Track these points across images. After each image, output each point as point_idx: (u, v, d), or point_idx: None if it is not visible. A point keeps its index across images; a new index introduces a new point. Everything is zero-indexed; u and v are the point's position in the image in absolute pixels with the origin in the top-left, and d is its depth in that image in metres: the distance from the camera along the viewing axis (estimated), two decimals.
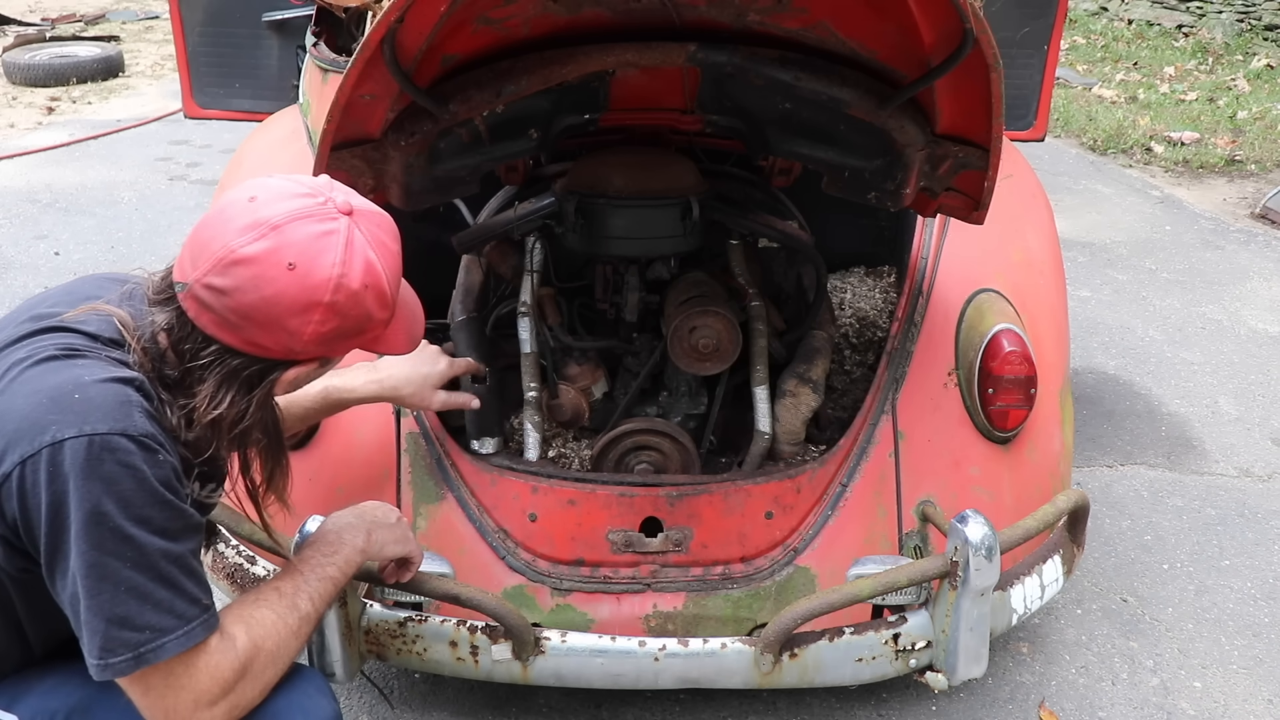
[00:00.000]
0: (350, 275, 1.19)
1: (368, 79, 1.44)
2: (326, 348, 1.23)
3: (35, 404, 1.13)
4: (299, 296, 1.16)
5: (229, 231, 1.17)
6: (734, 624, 1.85)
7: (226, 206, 1.20)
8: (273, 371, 1.23)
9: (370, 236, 1.22)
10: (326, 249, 1.17)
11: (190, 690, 1.17)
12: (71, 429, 1.10)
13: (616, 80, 1.82)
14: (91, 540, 1.10)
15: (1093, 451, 3.15)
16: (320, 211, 1.19)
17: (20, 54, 7.87)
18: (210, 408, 1.19)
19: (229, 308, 1.17)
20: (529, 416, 2.05)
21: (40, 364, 1.17)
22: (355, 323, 1.22)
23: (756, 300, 2.12)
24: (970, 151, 1.72)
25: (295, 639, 1.30)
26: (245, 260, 1.15)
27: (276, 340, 1.19)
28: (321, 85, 2.60)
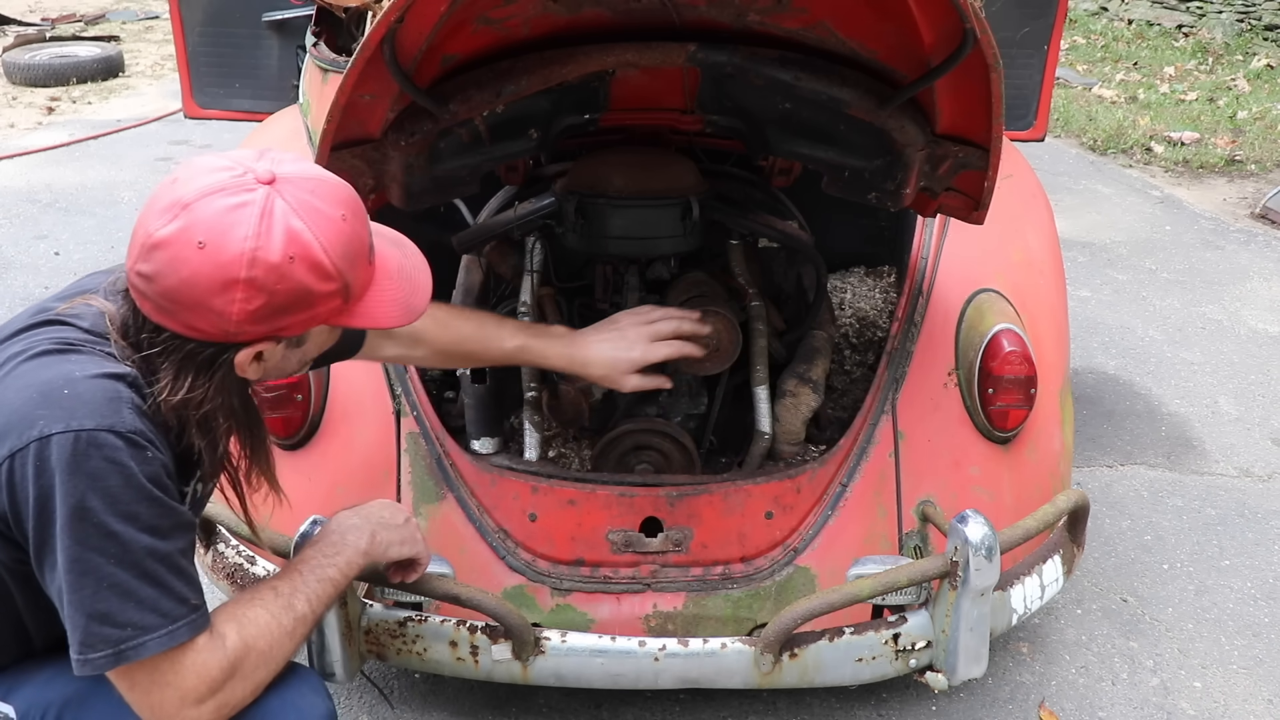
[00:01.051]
0: (267, 248, 1.12)
1: (368, 79, 1.44)
2: (268, 325, 1.16)
3: (26, 398, 1.13)
4: (214, 275, 1.11)
5: (150, 215, 1.14)
6: (734, 624, 1.85)
7: (156, 190, 1.17)
8: (223, 354, 1.18)
9: (297, 203, 1.14)
10: (238, 222, 1.11)
11: (176, 688, 1.16)
12: (59, 424, 1.10)
13: (616, 80, 1.82)
14: (75, 535, 1.10)
15: (1093, 451, 3.15)
16: (235, 184, 1.13)
17: (20, 54, 7.87)
18: (170, 394, 1.17)
19: (157, 293, 1.14)
20: (529, 416, 2.05)
21: (34, 358, 1.17)
22: (290, 297, 1.15)
23: (756, 300, 2.12)
24: (970, 151, 1.72)
25: (290, 640, 1.28)
26: (161, 244, 1.12)
27: (209, 322, 1.14)
28: (321, 85, 2.60)
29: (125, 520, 1.12)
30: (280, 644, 1.27)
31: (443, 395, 2.26)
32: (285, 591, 1.31)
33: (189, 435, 1.21)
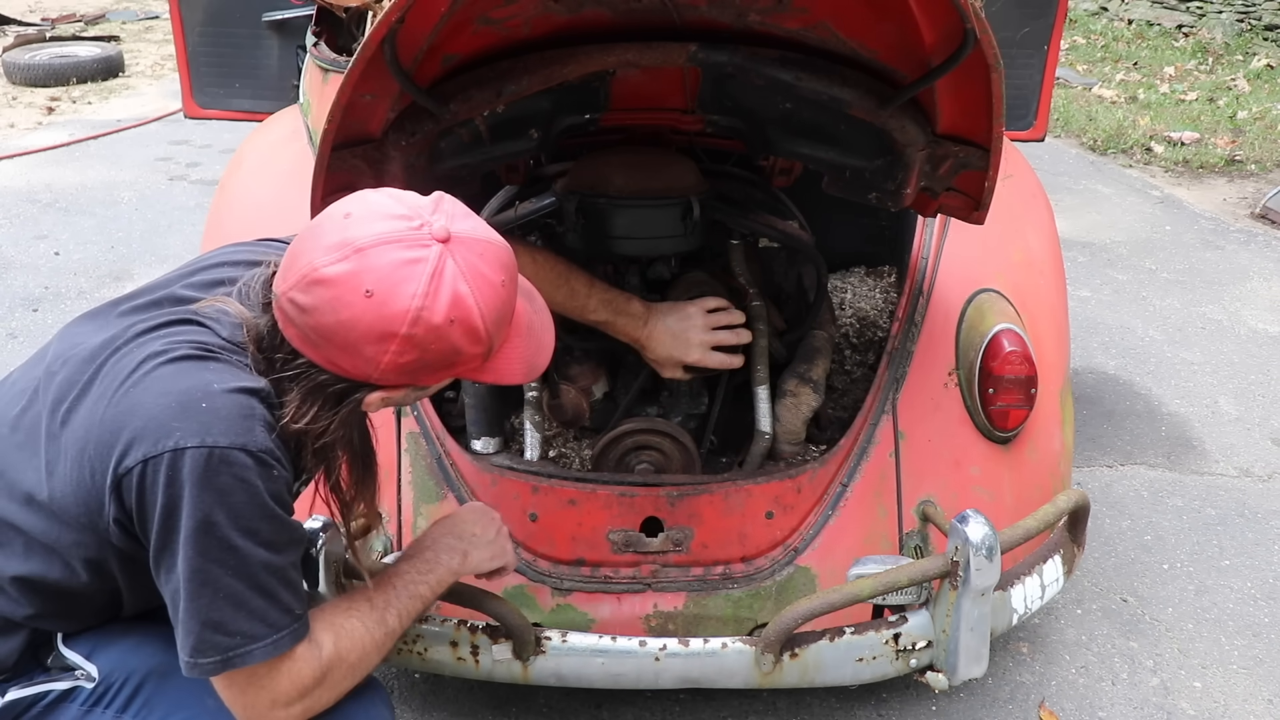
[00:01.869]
0: (432, 309, 1.13)
1: (368, 79, 1.44)
2: (409, 377, 1.19)
3: (164, 406, 1.14)
4: (374, 325, 1.13)
5: (317, 248, 1.15)
6: (734, 624, 1.85)
7: (323, 219, 1.18)
8: (356, 392, 1.20)
9: (466, 266, 1.15)
10: (409, 278, 1.12)
11: (270, 691, 1.21)
12: (194, 438, 1.12)
13: (617, 80, 1.82)
14: (199, 546, 1.13)
15: (1093, 451, 3.15)
16: (411, 237, 1.14)
17: (20, 54, 7.87)
18: (294, 420, 1.19)
19: (309, 326, 1.16)
20: (529, 416, 2.05)
21: (174, 363, 1.18)
22: (439, 356, 1.17)
23: (757, 300, 2.12)
24: (971, 151, 1.72)
25: (378, 652, 1.33)
26: (325, 281, 1.13)
27: (354, 365, 1.17)
28: (322, 85, 2.60)
29: (246, 535, 1.15)
30: (368, 656, 1.31)
31: (443, 395, 2.26)
32: (379, 605, 1.34)
33: (305, 458, 1.24)
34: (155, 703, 1.30)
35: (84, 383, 1.20)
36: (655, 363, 1.97)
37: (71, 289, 4.20)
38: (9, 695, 1.27)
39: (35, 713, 1.29)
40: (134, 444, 1.13)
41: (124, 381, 1.17)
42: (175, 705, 1.30)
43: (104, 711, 1.30)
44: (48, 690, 1.29)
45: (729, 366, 1.99)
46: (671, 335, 1.93)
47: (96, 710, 1.29)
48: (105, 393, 1.18)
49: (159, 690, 1.31)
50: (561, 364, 2.18)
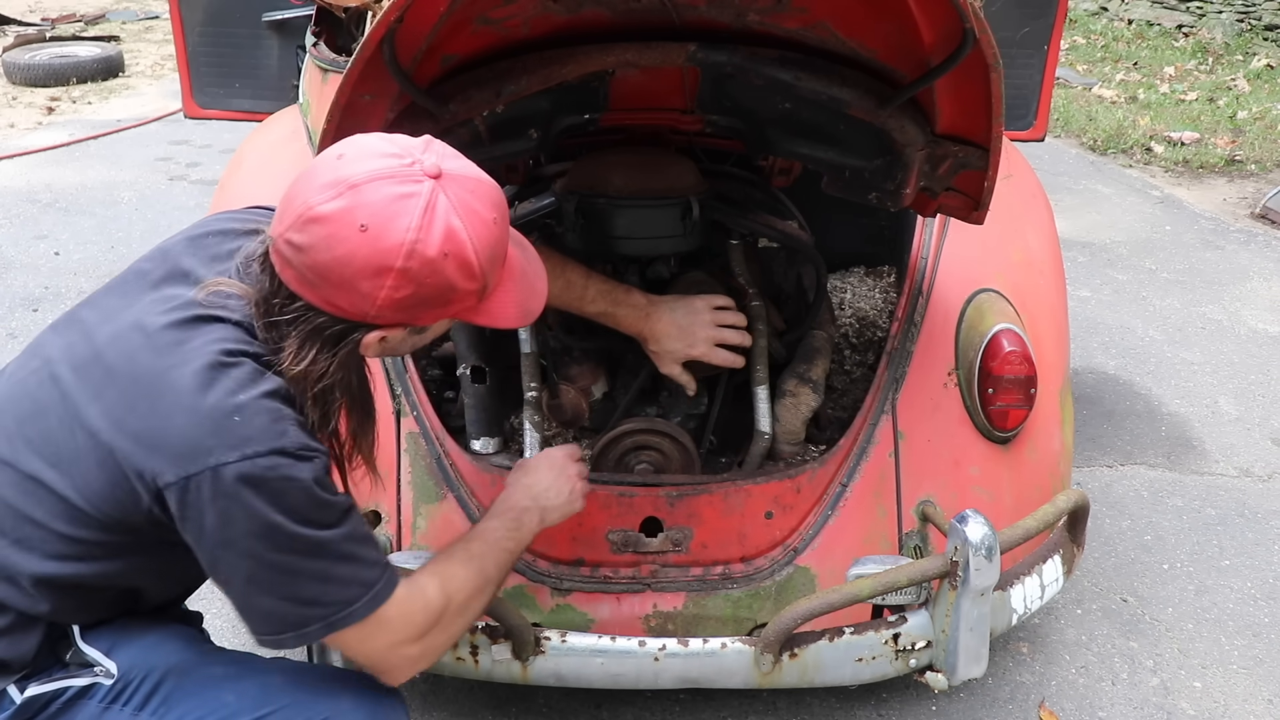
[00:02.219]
0: (426, 242, 1.14)
1: (368, 79, 1.44)
2: (406, 314, 1.20)
3: (196, 424, 1.16)
4: (370, 259, 1.14)
5: (311, 188, 1.16)
6: (734, 624, 1.85)
7: (317, 163, 1.20)
8: (353, 332, 1.21)
9: (458, 202, 1.17)
10: (402, 212, 1.14)
11: (387, 635, 1.27)
12: (234, 453, 1.14)
13: (616, 80, 1.82)
14: (268, 545, 1.17)
15: (1093, 451, 3.15)
16: (404, 173, 1.15)
17: (20, 54, 7.87)
18: (294, 363, 1.20)
19: (305, 265, 1.16)
20: (529, 416, 2.05)
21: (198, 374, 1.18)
22: (435, 291, 1.18)
23: (756, 300, 2.12)
24: (970, 151, 1.72)
25: (480, 597, 1.42)
26: (320, 219, 1.14)
27: (351, 302, 1.18)
28: (321, 85, 2.60)
29: (310, 525, 1.19)
30: (472, 600, 1.40)
31: (443, 395, 2.26)
32: (476, 554, 1.44)
33: (305, 407, 1.24)
34: (174, 700, 1.31)
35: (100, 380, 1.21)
36: (657, 356, 1.94)
37: (71, 289, 4.20)
38: (29, 691, 1.27)
39: (54, 709, 1.28)
40: (172, 462, 1.15)
41: (149, 390, 1.18)
42: (194, 703, 1.31)
43: (122, 709, 1.29)
44: (66, 686, 1.29)
45: (731, 365, 1.97)
46: (677, 328, 1.91)
47: (115, 707, 1.29)
48: (129, 398, 1.18)
49: (178, 688, 1.31)
50: (561, 364, 2.18)
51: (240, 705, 1.29)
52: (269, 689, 1.33)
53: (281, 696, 1.32)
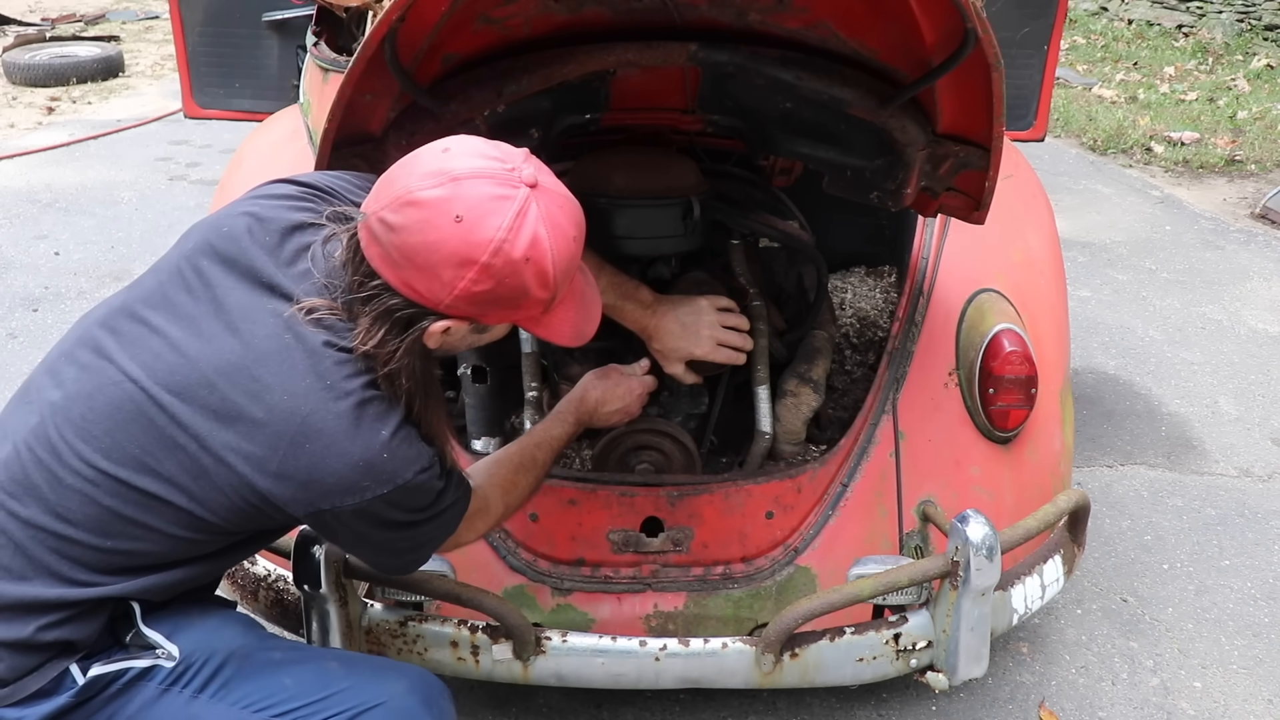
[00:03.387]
0: (513, 243, 1.19)
1: (369, 78, 1.44)
2: (478, 309, 1.24)
3: (351, 467, 1.24)
4: (458, 249, 1.19)
5: (414, 174, 1.22)
6: (735, 624, 1.85)
7: (422, 152, 1.25)
8: (423, 319, 1.25)
9: (546, 215, 1.22)
10: (497, 211, 1.19)
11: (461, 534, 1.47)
12: (387, 487, 1.25)
13: (617, 80, 1.82)
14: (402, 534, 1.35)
15: (1093, 451, 3.15)
16: (503, 176, 1.21)
17: (20, 54, 7.87)
18: (364, 341, 1.24)
19: (394, 244, 1.21)
20: (529, 416, 2.05)
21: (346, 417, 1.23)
22: (511, 292, 1.23)
23: (757, 300, 2.12)
24: (971, 151, 1.72)
25: (526, 475, 1.64)
26: (418, 203, 1.19)
27: (430, 288, 1.21)
28: (322, 85, 2.60)
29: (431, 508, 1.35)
30: (517, 483, 1.62)
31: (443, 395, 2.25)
32: (512, 451, 1.66)
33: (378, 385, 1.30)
34: (234, 684, 1.33)
35: (222, 410, 1.23)
36: (660, 354, 1.93)
37: (71, 289, 4.19)
38: (92, 671, 1.28)
39: (113, 690, 1.29)
40: (327, 496, 1.24)
41: (293, 434, 1.22)
42: (254, 686, 1.33)
43: (181, 691, 1.31)
44: (128, 667, 1.30)
45: (734, 362, 1.96)
46: (681, 326, 1.91)
47: (174, 690, 1.31)
48: (269, 439, 1.22)
49: (239, 672, 1.34)
50: (561, 364, 2.17)
51: (298, 689, 1.33)
52: (326, 674, 1.37)
53: (338, 681, 1.36)
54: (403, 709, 1.36)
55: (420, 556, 1.44)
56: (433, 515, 1.36)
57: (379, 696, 1.35)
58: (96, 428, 1.26)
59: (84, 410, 1.27)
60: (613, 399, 1.80)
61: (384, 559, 1.42)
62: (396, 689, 1.38)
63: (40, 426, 1.28)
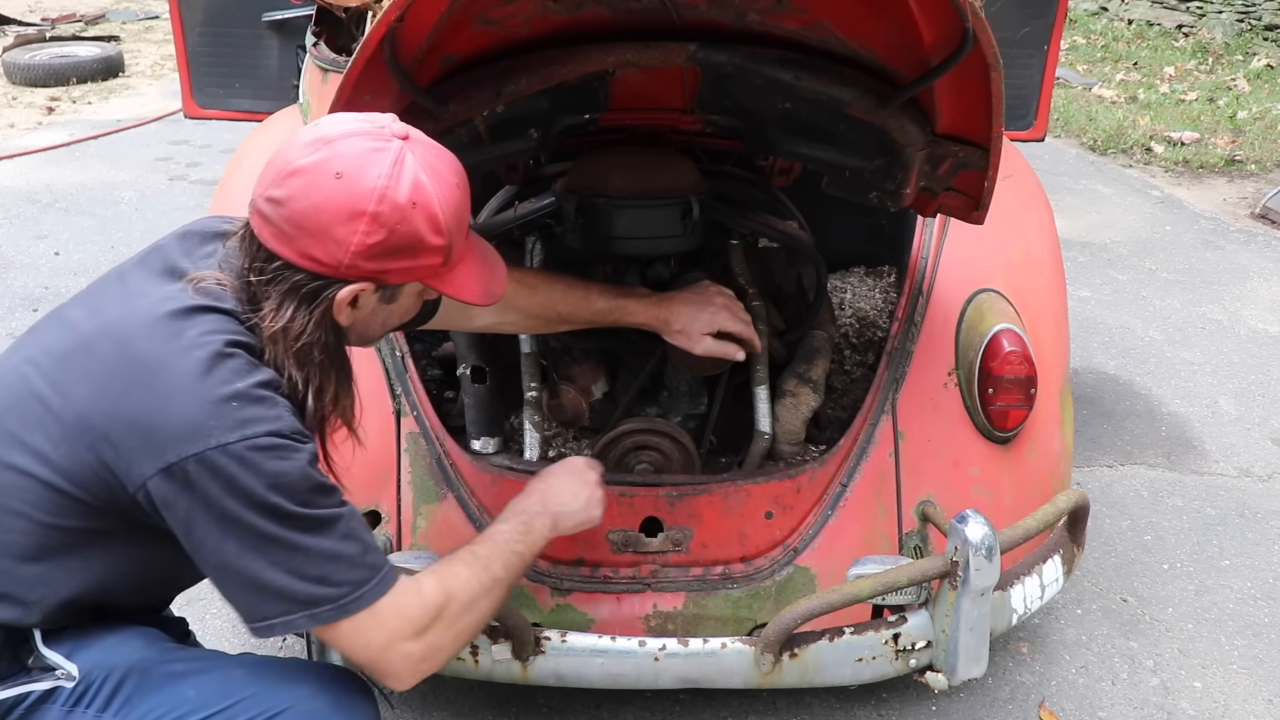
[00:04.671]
0: (396, 189, 1.22)
1: (368, 79, 1.44)
2: (377, 265, 1.25)
3: (196, 407, 1.19)
4: (344, 203, 1.21)
5: (291, 149, 1.25)
6: (734, 624, 1.85)
7: (295, 133, 1.29)
8: (328, 289, 1.26)
9: (423, 162, 1.25)
10: (374, 162, 1.22)
11: (384, 630, 1.28)
12: (233, 434, 1.18)
13: (616, 80, 1.82)
14: (272, 522, 1.20)
15: (1093, 451, 3.15)
16: (374, 133, 1.25)
17: (20, 54, 7.87)
18: (272, 321, 1.25)
19: (283, 217, 1.23)
20: (529, 416, 2.05)
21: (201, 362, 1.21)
22: (405, 240, 1.24)
23: (756, 300, 2.12)
24: (970, 151, 1.72)
25: (487, 596, 1.41)
26: (299, 170, 1.22)
27: (327, 251, 1.23)
28: (321, 85, 2.60)
29: (309, 506, 1.22)
30: (479, 598, 1.40)
31: (443, 395, 2.26)
32: (483, 555, 1.44)
33: (286, 370, 1.27)
34: (136, 700, 1.31)
35: (89, 366, 1.23)
36: (684, 334, 1.90)
37: (71, 289, 4.19)
38: None
39: (17, 715, 1.28)
40: (168, 444, 1.18)
41: (146, 375, 1.21)
42: (156, 700, 1.31)
43: (85, 711, 1.30)
44: (29, 691, 1.29)
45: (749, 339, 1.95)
46: (694, 304, 1.91)
47: (78, 710, 1.29)
48: (124, 382, 1.21)
49: (140, 687, 1.31)
50: (561, 364, 2.18)
51: (201, 700, 1.30)
52: (230, 681, 1.34)
53: (243, 689, 1.33)
54: (309, 712, 1.33)
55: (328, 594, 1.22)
56: (323, 520, 1.23)
57: (284, 702, 1.32)
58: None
59: None
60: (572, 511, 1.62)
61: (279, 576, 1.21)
62: (302, 692, 1.34)
63: None
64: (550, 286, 1.88)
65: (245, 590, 1.24)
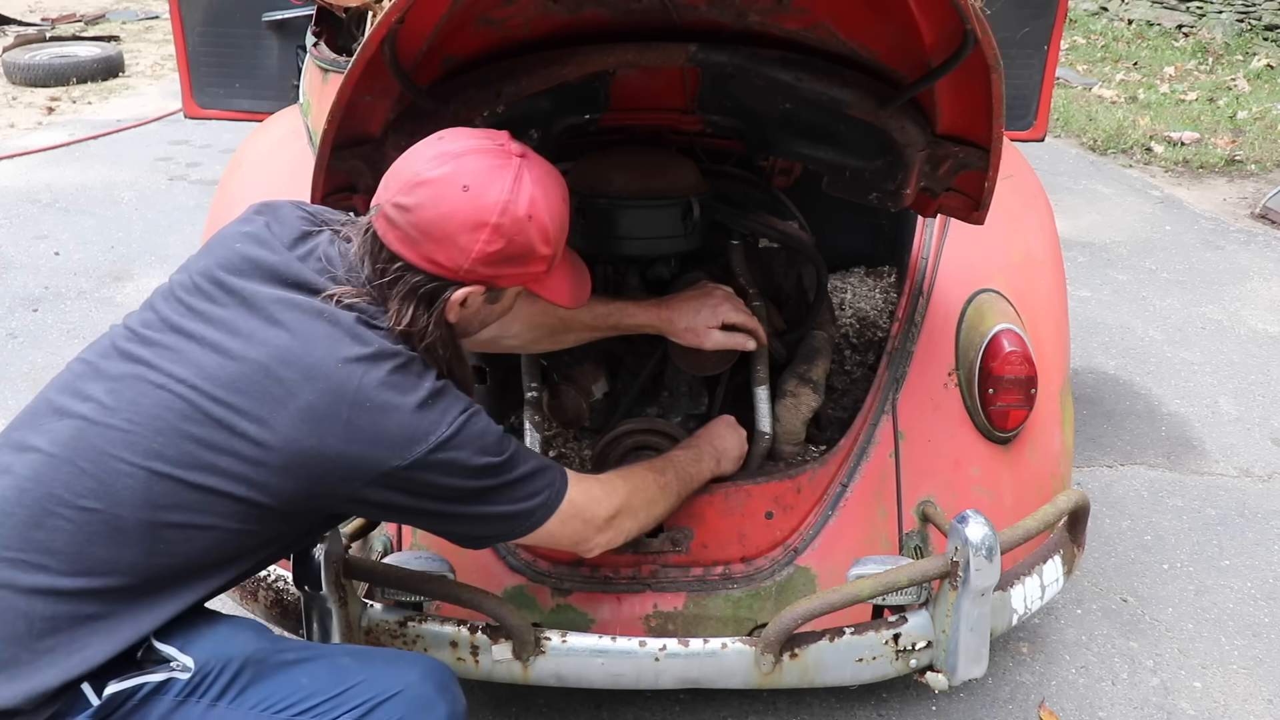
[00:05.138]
0: (516, 203, 1.34)
1: (368, 79, 1.44)
2: (492, 270, 1.36)
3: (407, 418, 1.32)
4: (470, 215, 1.32)
5: (417, 160, 1.36)
6: (734, 624, 1.85)
7: (419, 145, 1.39)
8: (445, 290, 1.37)
9: (537, 179, 1.37)
10: (498, 178, 1.34)
11: (583, 518, 1.53)
12: (445, 427, 1.33)
13: (617, 80, 1.82)
14: (489, 477, 1.38)
15: (1093, 451, 3.15)
16: (496, 150, 1.37)
17: (20, 54, 7.87)
18: (397, 321, 1.36)
19: (410, 223, 1.33)
20: (529, 416, 2.05)
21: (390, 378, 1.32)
22: (520, 250, 1.36)
23: (757, 300, 2.12)
24: (970, 152, 1.72)
25: (663, 496, 1.70)
26: (427, 182, 1.33)
27: (449, 256, 1.34)
28: (322, 85, 2.60)
29: (503, 452, 1.40)
30: (656, 498, 1.69)
31: None
32: (659, 467, 1.75)
33: None
34: (251, 689, 1.34)
35: (279, 395, 1.29)
36: (690, 331, 1.92)
37: (71, 289, 4.20)
38: (108, 690, 1.27)
39: (129, 707, 1.29)
40: (392, 453, 1.31)
41: (346, 402, 1.30)
42: (271, 688, 1.35)
43: (198, 702, 1.32)
44: (143, 683, 1.30)
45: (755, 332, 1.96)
46: (695, 302, 1.93)
47: (190, 700, 1.32)
48: (326, 408, 1.29)
49: (256, 677, 1.35)
50: (561, 364, 2.18)
51: (315, 686, 1.36)
52: (340, 669, 1.39)
53: (354, 675, 1.38)
54: (420, 696, 1.39)
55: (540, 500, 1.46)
56: (516, 453, 1.41)
57: (396, 685, 1.38)
58: (143, 430, 1.28)
59: (130, 415, 1.29)
60: (733, 457, 1.91)
61: (506, 507, 1.43)
62: (411, 677, 1.40)
63: (78, 438, 1.29)
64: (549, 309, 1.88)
65: (470, 526, 1.44)
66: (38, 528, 1.25)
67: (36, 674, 1.23)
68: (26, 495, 1.26)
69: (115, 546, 1.27)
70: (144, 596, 1.29)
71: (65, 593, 1.25)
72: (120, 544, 1.27)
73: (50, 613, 1.25)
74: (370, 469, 1.31)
